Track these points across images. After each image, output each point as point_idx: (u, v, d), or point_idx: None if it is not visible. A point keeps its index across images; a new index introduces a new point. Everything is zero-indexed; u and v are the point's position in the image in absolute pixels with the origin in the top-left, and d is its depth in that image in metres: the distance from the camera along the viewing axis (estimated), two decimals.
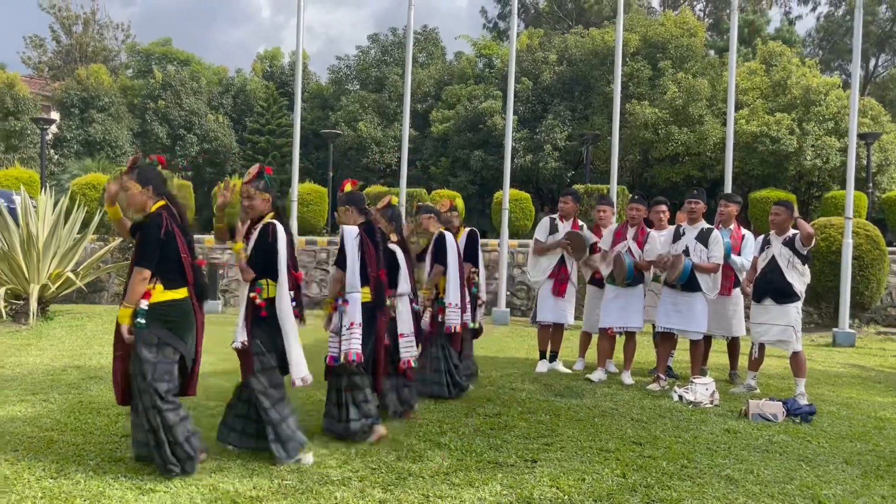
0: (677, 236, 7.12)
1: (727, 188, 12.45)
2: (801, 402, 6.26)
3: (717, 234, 7.02)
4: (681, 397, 6.46)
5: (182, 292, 4.22)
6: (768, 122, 20.77)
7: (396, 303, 5.58)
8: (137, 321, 4.06)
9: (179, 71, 30.41)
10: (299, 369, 4.44)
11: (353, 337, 4.87)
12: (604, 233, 7.70)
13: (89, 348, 8.48)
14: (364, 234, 5.06)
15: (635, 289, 7.32)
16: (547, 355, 7.88)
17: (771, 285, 6.77)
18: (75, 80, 28.29)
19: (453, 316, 6.45)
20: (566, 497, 3.98)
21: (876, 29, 31.78)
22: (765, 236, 7.05)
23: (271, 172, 4.75)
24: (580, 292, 8.38)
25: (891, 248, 13.48)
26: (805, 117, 21.06)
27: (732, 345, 7.75)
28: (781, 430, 5.61)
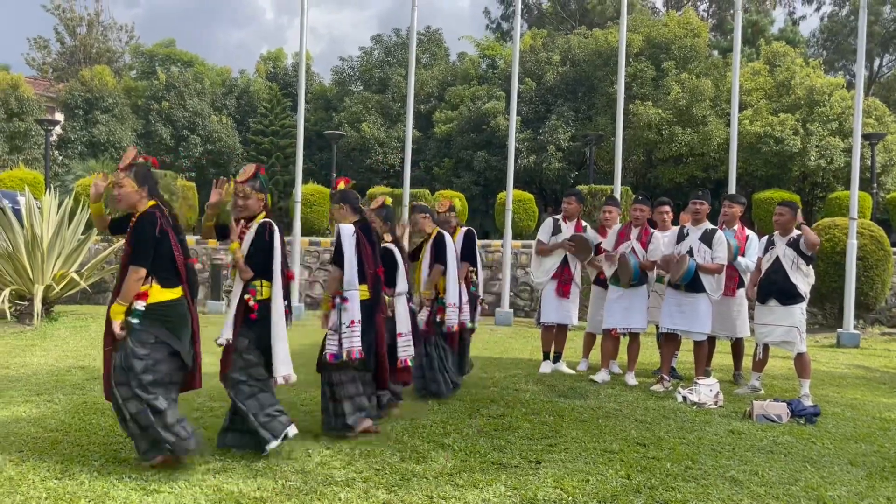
0: (681, 237, 7.11)
1: (731, 189, 12.42)
2: (806, 403, 6.24)
3: (720, 234, 7.00)
4: (685, 398, 6.45)
5: (178, 291, 4.27)
6: (772, 123, 20.74)
7: (395, 302, 5.60)
8: (131, 320, 4.10)
9: (183, 72, 30.48)
10: (283, 368, 4.48)
11: (353, 335, 4.89)
12: (608, 234, 7.69)
13: (93, 349, 8.49)
14: (360, 233, 5.07)
15: (639, 289, 7.31)
16: (550, 356, 7.87)
17: (775, 286, 6.75)
18: (79, 81, 28.38)
19: (453, 315, 6.47)
20: (570, 498, 3.98)
21: (880, 29, 31.72)
22: (769, 237, 7.04)
23: (264, 173, 4.78)
24: (584, 293, 8.37)
25: (895, 248, 13.44)
26: (809, 118, 21.02)
27: (736, 346, 7.74)
28: (786, 431, 5.60)
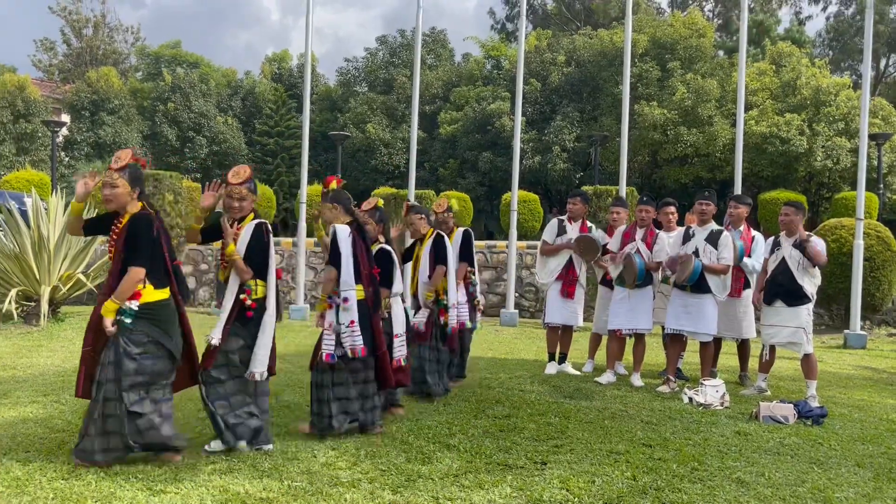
0: (687, 238, 7.09)
1: (737, 189, 12.39)
2: (813, 404, 6.22)
3: (727, 235, 6.98)
4: (691, 399, 6.44)
5: (167, 292, 4.33)
6: (778, 123, 20.69)
7: (391, 303, 5.60)
8: (123, 320, 4.14)
9: (189, 73, 30.57)
10: (259, 365, 4.55)
11: (354, 334, 4.89)
12: (613, 234, 7.68)
13: None
14: (355, 233, 5.07)
15: (644, 290, 7.30)
16: (556, 357, 7.87)
17: (781, 287, 6.73)
18: (85, 82, 28.50)
19: (454, 316, 6.51)
20: (576, 499, 3.97)
21: (886, 29, 31.61)
22: (775, 238, 7.01)
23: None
24: (589, 294, 8.35)
25: None
26: (815, 118, 20.98)
27: (742, 347, 7.71)
28: (792, 432, 5.58)
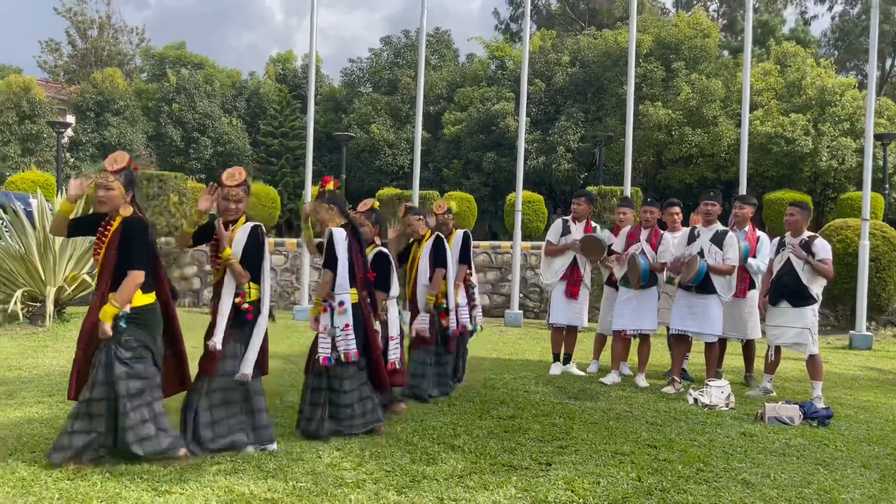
0: (692, 238, 7.07)
1: (742, 190, 12.36)
2: (818, 405, 6.21)
3: (732, 235, 6.97)
4: (696, 400, 6.42)
5: (153, 296, 4.36)
6: (783, 123, 20.64)
7: (387, 306, 5.59)
8: (120, 325, 4.18)
9: (193, 74, 30.63)
10: (248, 366, 4.57)
11: (348, 338, 4.88)
12: (618, 235, 7.67)
13: None
14: (350, 236, 5.06)
15: (649, 291, 7.29)
16: (560, 358, 7.86)
17: (787, 288, 6.71)
18: (90, 83, 28.57)
19: (462, 316, 6.54)
20: (581, 500, 3.96)
21: (892, 28, 31.50)
22: (780, 238, 6.99)
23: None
24: (594, 294, 8.34)
25: None
26: (820, 118, 20.92)
27: (747, 347, 7.69)
28: (798, 433, 5.57)
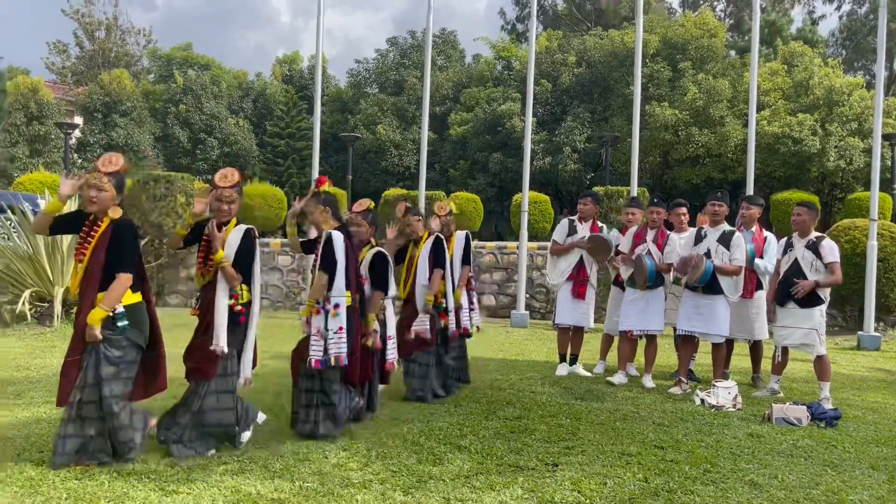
0: (699, 238, 7.05)
1: (749, 190, 12.32)
2: (826, 406, 6.18)
3: (738, 236, 6.94)
4: (703, 401, 6.40)
5: (139, 295, 4.37)
6: (790, 123, 20.56)
7: (385, 305, 5.59)
8: (119, 325, 4.17)
9: (200, 75, 30.71)
10: (248, 369, 4.60)
11: (340, 341, 4.86)
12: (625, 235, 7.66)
13: None
14: (346, 239, 5.05)
15: (655, 291, 7.27)
16: (567, 358, 7.85)
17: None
18: (98, 85, 28.67)
19: (464, 318, 6.55)
20: (587, 501, 3.96)
21: None
22: (787, 239, 6.97)
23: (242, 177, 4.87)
24: (601, 295, 8.32)
25: None
26: (828, 118, 20.83)
27: (755, 348, 7.67)
28: (806, 434, 5.55)
